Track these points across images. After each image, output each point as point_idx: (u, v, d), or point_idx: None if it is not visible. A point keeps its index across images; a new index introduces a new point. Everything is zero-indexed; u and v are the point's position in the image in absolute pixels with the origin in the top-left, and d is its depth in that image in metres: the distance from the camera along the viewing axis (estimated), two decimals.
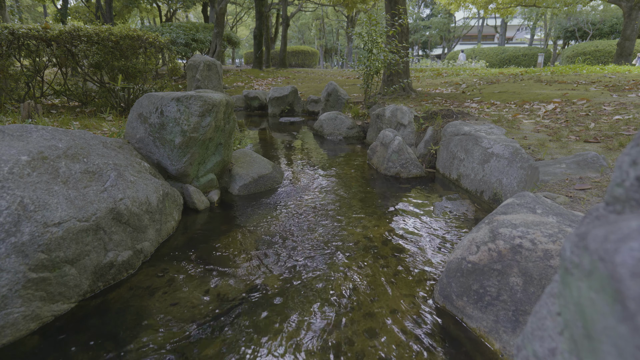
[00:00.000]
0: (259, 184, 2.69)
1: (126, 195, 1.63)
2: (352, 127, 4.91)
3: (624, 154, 0.41)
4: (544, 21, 27.79)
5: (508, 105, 4.39)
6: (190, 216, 2.19)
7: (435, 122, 3.50)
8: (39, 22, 18.74)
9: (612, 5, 19.67)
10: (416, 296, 1.44)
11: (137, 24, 23.91)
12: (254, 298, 1.42)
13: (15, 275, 1.15)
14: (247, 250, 1.79)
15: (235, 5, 23.64)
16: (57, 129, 1.73)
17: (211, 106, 2.19)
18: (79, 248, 1.35)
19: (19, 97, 4.50)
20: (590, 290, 0.37)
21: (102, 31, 4.63)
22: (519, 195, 1.50)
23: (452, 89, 6.74)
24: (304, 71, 13.99)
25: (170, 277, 1.55)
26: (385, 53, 5.19)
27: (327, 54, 35.90)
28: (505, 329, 1.13)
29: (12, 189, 1.26)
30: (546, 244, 1.13)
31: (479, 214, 2.24)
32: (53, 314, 1.27)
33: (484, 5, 16.24)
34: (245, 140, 4.42)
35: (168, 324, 1.26)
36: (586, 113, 3.40)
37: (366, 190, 2.71)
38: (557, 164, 2.07)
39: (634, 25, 10.53)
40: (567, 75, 6.92)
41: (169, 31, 9.70)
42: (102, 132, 2.99)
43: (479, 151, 2.61)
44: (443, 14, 32.85)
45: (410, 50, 13.85)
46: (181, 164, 2.18)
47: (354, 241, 1.89)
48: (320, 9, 27.38)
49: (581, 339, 0.39)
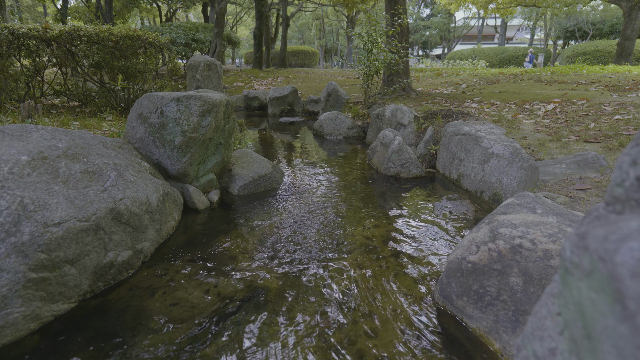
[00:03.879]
0: (259, 184, 2.69)
1: (126, 195, 1.63)
2: (352, 127, 4.91)
3: (624, 154, 0.41)
4: (544, 21, 27.79)
5: (508, 105, 4.39)
6: (190, 216, 2.19)
7: (435, 122, 3.50)
8: (39, 22, 18.74)
9: (612, 5, 19.67)
10: (416, 296, 1.44)
11: (137, 24, 23.91)
12: (254, 298, 1.42)
13: (15, 275, 1.15)
14: (247, 250, 1.79)
15: (235, 5, 23.64)
16: (57, 129, 1.73)
17: (211, 106, 2.19)
18: (79, 248, 1.35)
19: (19, 97, 4.50)
20: (590, 290, 0.37)
21: (102, 31, 4.63)
22: (519, 195, 1.50)
23: (452, 89, 6.74)
24: (304, 71, 13.99)
25: (170, 277, 1.55)
26: (385, 53, 5.19)
27: (327, 54, 35.90)
28: (505, 329, 1.13)
29: (12, 189, 1.26)
30: (546, 244, 1.13)
31: (479, 214, 2.24)
32: (53, 314, 1.27)
33: (484, 5, 16.24)
34: (245, 140, 4.42)
35: (168, 324, 1.26)
36: (586, 113, 3.40)
37: (366, 190, 2.71)
38: (557, 164, 2.07)
39: (634, 25, 10.53)
40: (567, 75, 6.93)
41: (169, 31, 9.71)
42: (102, 132, 2.99)
43: (479, 151, 2.61)
44: (443, 14, 32.84)
45: (410, 50, 13.86)
46: (181, 164, 2.18)
47: (354, 241, 1.89)
48: (320, 9, 27.38)
49: (581, 339, 0.39)
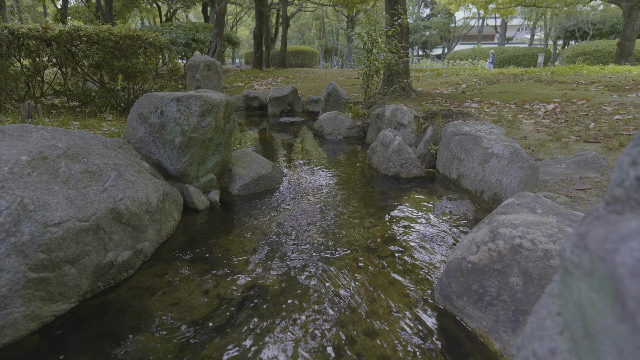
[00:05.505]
0: (259, 184, 2.69)
1: (126, 195, 1.63)
2: (352, 127, 4.91)
3: (624, 154, 0.41)
4: (544, 21, 27.79)
5: (508, 105, 4.39)
6: (190, 216, 2.19)
7: (435, 122, 3.50)
8: (39, 22, 18.75)
9: (612, 5, 19.67)
10: (416, 296, 1.44)
11: (137, 24, 23.93)
12: (254, 298, 1.42)
13: (15, 275, 1.15)
14: (247, 250, 1.79)
15: (235, 5, 23.64)
16: (57, 129, 1.73)
17: (211, 106, 2.19)
18: (79, 248, 1.35)
19: (19, 97, 4.50)
20: (590, 290, 0.37)
21: (102, 31, 4.63)
22: (519, 195, 1.50)
23: (452, 89, 6.74)
24: (304, 71, 13.99)
25: (170, 277, 1.55)
26: (385, 53, 5.19)
27: (327, 54, 35.90)
28: (505, 329, 1.13)
29: (12, 189, 1.26)
30: (546, 244, 1.13)
31: (479, 214, 2.24)
32: (53, 314, 1.27)
33: (484, 5, 16.24)
34: (245, 140, 4.42)
35: (168, 324, 1.26)
36: (586, 113, 3.40)
37: (366, 190, 2.71)
38: (557, 164, 2.07)
39: (634, 25, 10.53)
40: (567, 75, 6.93)
41: (169, 31, 9.71)
42: (102, 132, 2.98)
43: (479, 151, 2.61)
44: (443, 14, 32.84)
45: (410, 50, 13.85)
46: (181, 164, 2.18)
47: (354, 241, 1.89)
48: (320, 9, 27.38)
49: (581, 339, 0.39)
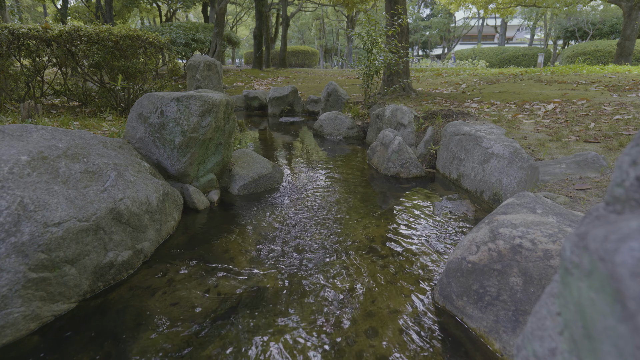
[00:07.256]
0: (259, 184, 2.69)
1: (126, 195, 1.63)
2: (352, 127, 4.91)
3: (624, 154, 0.41)
4: (544, 21, 27.78)
5: (508, 105, 4.39)
6: (190, 216, 2.19)
7: (435, 122, 3.50)
8: (39, 22, 18.74)
9: (612, 5, 19.67)
10: (416, 296, 1.44)
11: (137, 24, 23.92)
12: (254, 298, 1.42)
13: (15, 275, 1.15)
14: (247, 250, 1.79)
15: (235, 5, 23.64)
16: (57, 129, 1.73)
17: (211, 106, 2.19)
18: (79, 248, 1.35)
19: (19, 97, 4.50)
20: (590, 290, 0.37)
21: (102, 31, 4.62)
22: (519, 195, 1.50)
23: (452, 89, 6.74)
24: (304, 71, 13.99)
25: (170, 277, 1.55)
26: (385, 53, 5.19)
27: (327, 54, 35.89)
28: (505, 329, 1.13)
29: (12, 189, 1.26)
30: (546, 244, 1.13)
31: (479, 214, 2.24)
32: (53, 314, 1.27)
33: (484, 5, 16.23)
34: (245, 140, 4.42)
35: (168, 324, 1.26)
36: (586, 113, 3.40)
37: (366, 190, 2.71)
38: (557, 164, 2.07)
39: (634, 25, 10.53)
40: (567, 75, 6.92)
41: (169, 31, 9.71)
42: (102, 132, 2.98)
43: (479, 151, 2.61)
44: (443, 14, 32.82)
45: (410, 50, 13.85)
46: (181, 164, 2.18)
47: (354, 241, 1.89)
48: (320, 9, 27.37)
49: (581, 339, 0.39)
